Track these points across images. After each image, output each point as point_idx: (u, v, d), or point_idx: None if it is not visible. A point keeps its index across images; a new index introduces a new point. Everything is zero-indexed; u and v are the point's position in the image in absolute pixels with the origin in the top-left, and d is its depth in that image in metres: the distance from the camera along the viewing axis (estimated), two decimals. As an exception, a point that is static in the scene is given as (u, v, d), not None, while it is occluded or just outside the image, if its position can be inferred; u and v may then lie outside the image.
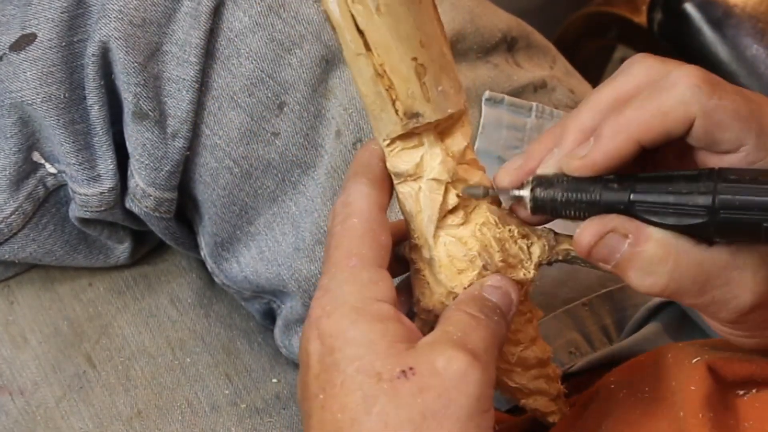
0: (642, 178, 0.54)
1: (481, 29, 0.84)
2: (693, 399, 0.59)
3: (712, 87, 0.52)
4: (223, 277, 0.87)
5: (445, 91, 0.56)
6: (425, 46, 0.55)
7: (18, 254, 0.85)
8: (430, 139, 0.57)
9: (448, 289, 0.58)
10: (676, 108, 0.52)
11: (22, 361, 0.87)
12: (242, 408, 0.87)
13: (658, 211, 0.53)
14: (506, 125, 0.83)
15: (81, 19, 0.77)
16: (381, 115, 0.56)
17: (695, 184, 0.52)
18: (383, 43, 0.55)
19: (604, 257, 0.55)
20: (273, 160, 0.80)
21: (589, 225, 0.54)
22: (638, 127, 0.53)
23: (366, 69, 0.55)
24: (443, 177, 0.57)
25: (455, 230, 0.58)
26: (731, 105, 0.52)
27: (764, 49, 0.99)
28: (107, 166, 0.80)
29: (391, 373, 0.51)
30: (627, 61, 0.56)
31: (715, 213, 0.52)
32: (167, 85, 0.78)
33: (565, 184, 0.55)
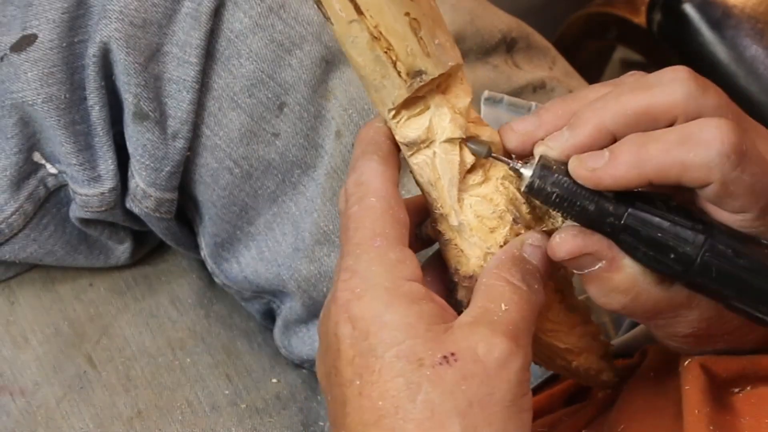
0: (638, 206, 0.54)
1: (480, 30, 0.85)
2: (689, 396, 0.59)
3: (739, 158, 0.52)
4: (224, 277, 0.87)
5: (442, 44, 0.55)
6: (415, 0, 0.54)
7: (19, 254, 0.85)
8: (435, 100, 0.56)
9: (483, 250, 0.57)
10: (699, 169, 0.52)
11: (22, 362, 0.87)
12: (242, 408, 0.87)
13: (640, 250, 0.54)
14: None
15: (82, 19, 0.77)
16: (383, 83, 0.55)
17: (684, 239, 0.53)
18: (374, 2, 0.53)
19: (574, 267, 0.56)
20: (273, 161, 0.80)
21: (570, 240, 0.55)
22: (656, 168, 0.52)
23: (361, 36, 0.54)
24: (456, 134, 0.56)
25: (478, 189, 0.57)
26: (750, 180, 0.52)
27: (763, 49, 0.99)
28: (108, 167, 0.81)
29: (433, 359, 0.50)
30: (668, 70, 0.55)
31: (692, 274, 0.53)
32: (168, 85, 0.78)
33: (566, 186, 0.54)
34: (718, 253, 0.53)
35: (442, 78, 0.56)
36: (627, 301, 0.55)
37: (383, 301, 0.52)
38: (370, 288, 0.52)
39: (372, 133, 0.57)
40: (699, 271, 0.53)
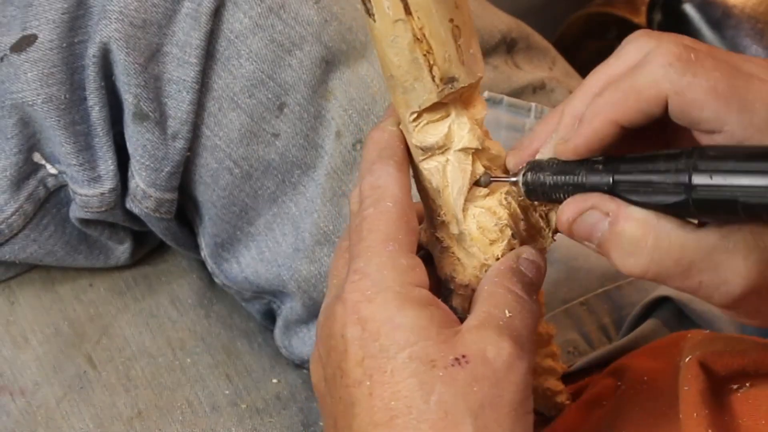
0: (627, 159, 0.54)
1: (480, 30, 0.85)
2: (687, 399, 0.59)
3: (685, 64, 0.51)
4: (224, 277, 0.87)
5: (475, 54, 0.56)
6: (459, 7, 0.55)
7: (19, 255, 0.85)
8: (457, 109, 0.57)
9: (481, 261, 0.57)
10: (647, 87, 0.51)
11: (22, 362, 0.87)
12: (242, 408, 0.87)
13: (639, 191, 0.53)
14: (505, 125, 0.84)
15: (82, 20, 0.77)
16: (414, 85, 0.55)
17: (674, 163, 0.52)
18: (425, 4, 0.54)
19: (585, 235, 0.54)
20: (273, 161, 0.80)
21: (569, 202, 0.54)
22: (614, 107, 0.52)
23: (404, 36, 0.54)
24: (473, 144, 0.57)
25: (483, 201, 0.58)
26: (706, 83, 0.51)
27: (763, 49, 0.99)
28: (108, 167, 0.80)
29: (445, 360, 0.51)
30: (625, 39, 0.56)
31: (691, 190, 0.51)
32: (168, 86, 0.78)
33: (554, 168, 0.55)
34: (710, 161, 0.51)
35: (467, 88, 0.56)
36: (652, 250, 0.53)
37: (395, 305, 0.53)
38: (382, 291, 0.53)
39: (387, 136, 0.58)
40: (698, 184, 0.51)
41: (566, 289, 0.84)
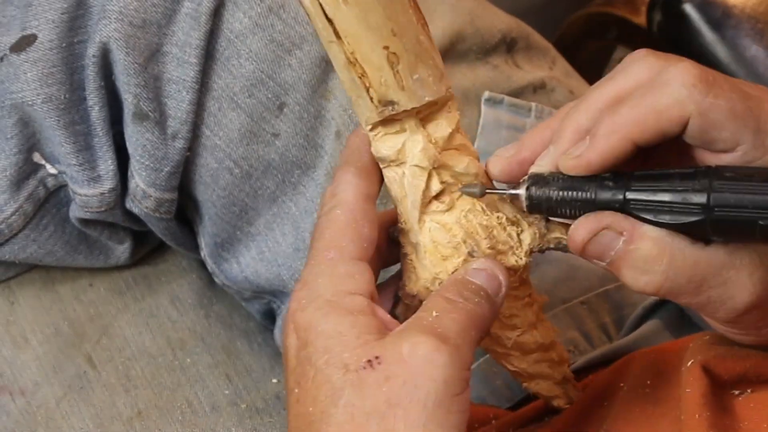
0: (638, 176, 0.53)
1: (480, 30, 0.84)
2: (689, 400, 0.59)
3: (707, 85, 0.51)
4: (224, 277, 0.87)
5: (422, 78, 0.55)
6: (397, 35, 0.54)
7: (18, 255, 0.85)
8: (411, 126, 0.56)
9: (432, 275, 0.57)
10: (670, 107, 0.51)
11: (22, 362, 0.87)
12: (242, 408, 0.87)
13: (654, 209, 0.53)
14: (506, 125, 0.83)
15: (81, 20, 0.77)
16: (358, 101, 0.56)
17: (691, 182, 0.52)
18: (352, 32, 0.54)
19: (599, 254, 0.55)
20: (273, 161, 0.80)
21: (583, 221, 0.54)
22: (633, 126, 0.52)
23: (339, 56, 0.55)
24: (423, 164, 0.56)
25: (440, 216, 0.58)
26: (726, 104, 0.51)
27: (763, 49, 0.99)
28: (107, 167, 0.80)
29: (357, 363, 0.50)
30: (627, 57, 0.55)
31: (710, 211, 0.52)
32: (167, 86, 0.78)
33: (561, 183, 0.54)
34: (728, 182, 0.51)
35: (421, 108, 0.56)
36: (666, 269, 0.53)
37: (322, 312, 0.52)
38: (314, 299, 0.53)
39: (357, 141, 0.58)
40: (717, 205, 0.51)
41: (566, 289, 0.84)
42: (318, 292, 0.53)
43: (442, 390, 0.50)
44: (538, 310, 0.63)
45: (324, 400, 0.51)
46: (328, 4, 0.54)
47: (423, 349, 0.50)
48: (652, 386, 0.64)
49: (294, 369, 0.53)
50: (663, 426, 0.60)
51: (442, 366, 0.50)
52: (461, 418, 0.51)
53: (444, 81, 0.57)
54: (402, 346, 0.51)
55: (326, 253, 0.54)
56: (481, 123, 0.83)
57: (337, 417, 0.50)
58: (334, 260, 0.54)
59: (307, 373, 0.52)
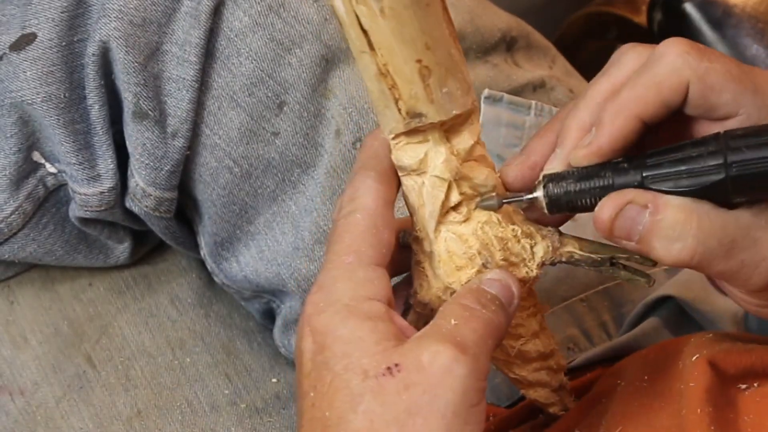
0: (651, 154, 0.54)
1: (480, 29, 0.84)
2: (692, 395, 0.59)
3: (700, 52, 0.52)
4: (223, 276, 0.87)
5: (451, 92, 0.56)
6: (431, 49, 0.55)
7: (18, 254, 0.85)
8: (434, 137, 0.57)
9: (445, 284, 0.58)
10: (669, 76, 0.52)
11: (22, 361, 0.87)
12: (242, 408, 0.87)
13: (672, 180, 0.53)
14: (505, 123, 0.83)
15: (81, 18, 0.77)
16: (385, 111, 0.56)
17: (704, 147, 0.52)
18: (387, 44, 0.54)
19: (627, 231, 0.54)
20: (273, 160, 0.80)
21: (606, 200, 0.54)
22: (636, 102, 0.53)
23: (370, 66, 0.55)
24: (445, 176, 0.57)
25: (456, 227, 0.58)
26: (722, 67, 0.52)
27: (764, 48, 0.99)
28: (107, 166, 0.80)
29: (377, 370, 0.50)
30: (616, 52, 0.56)
31: (728, 169, 0.52)
32: (167, 84, 0.78)
33: (577, 175, 0.55)
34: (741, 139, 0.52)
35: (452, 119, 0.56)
36: (696, 233, 0.53)
37: (341, 317, 0.52)
38: (332, 303, 0.53)
39: (377, 145, 0.58)
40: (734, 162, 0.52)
41: (566, 287, 0.84)
42: (336, 296, 0.53)
43: (460, 400, 0.50)
44: (541, 319, 0.63)
45: (342, 405, 0.50)
46: (364, 15, 0.54)
47: (443, 359, 0.50)
48: (651, 381, 0.64)
49: (309, 373, 0.52)
50: (662, 419, 0.60)
51: (462, 376, 0.50)
52: (477, 429, 0.51)
53: (470, 94, 0.57)
54: (422, 355, 0.50)
55: (345, 257, 0.54)
56: (481, 121, 0.83)
57: (355, 423, 0.50)
58: (353, 265, 0.54)
59: (324, 377, 0.51)
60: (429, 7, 0.55)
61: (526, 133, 0.84)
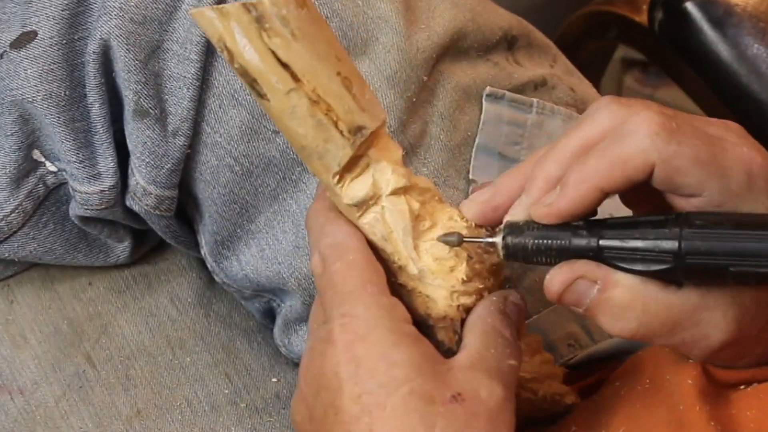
0: (610, 224, 0.55)
1: (481, 27, 0.84)
2: (690, 392, 0.60)
3: (670, 133, 0.53)
4: (224, 275, 0.87)
5: (371, 98, 0.57)
6: (341, 60, 0.56)
7: (18, 253, 0.85)
8: (373, 156, 0.58)
9: (448, 290, 0.58)
10: (635, 156, 0.53)
11: (21, 361, 0.87)
12: (242, 407, 0.87)
13: (626, 257, 0.54)
14: (507, 121, 0.83)
15: (82, 16, 0.77)
16: (327, 147, 0.56)
17: (661, 230, 0.53)
18: (309, 67, 0.55)
19: (575, 302, 0.57)
20: (274, 158, 0.80)
21: (558, 272, 0.56)
22: (600, 175, 0.54)
23: (300, 103, 0.55)
24: (401, 183, 0.58)
25: (429, 233, 0.59)
26: (690, 151, 0.53)
27: (765, 48, 0.99)
28: (108, 164, 0.80)
29: (443, 396, 0.53)
30: (592, 105, 0.57)
31: (681, 258, 0.53)
32: (168, 82, 0.78)
33: (536, 232, 0.56)
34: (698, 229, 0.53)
35: (376, 132, 0.58)
36: (640, 316, 0.55)
37: (389, 342, 0.55)
38: (374, 330, 0.55)
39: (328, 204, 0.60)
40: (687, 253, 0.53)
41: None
42: (375, 323, 0.55)
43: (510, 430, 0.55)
44: None
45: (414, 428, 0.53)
46: (280, 47, 0.55)
47: (497, 397, 0.55)
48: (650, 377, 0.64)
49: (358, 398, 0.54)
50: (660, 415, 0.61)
51: (510, 411, 0.55)
52: None
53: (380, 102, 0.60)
54: (480, 389, 0.55)
55: (364, 289, 0.56)
56: (483, 119, 0.83)
57: None
58: (375, 293, 0.56)
59: (382, 402, 0.53)
60: (320, 20, 0.56)
61: (527, 131, 0.84)
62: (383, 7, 0.79)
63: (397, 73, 0.79)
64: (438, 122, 0.81)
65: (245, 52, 0.55)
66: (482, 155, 0.82)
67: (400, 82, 0.79)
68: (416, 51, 0.79)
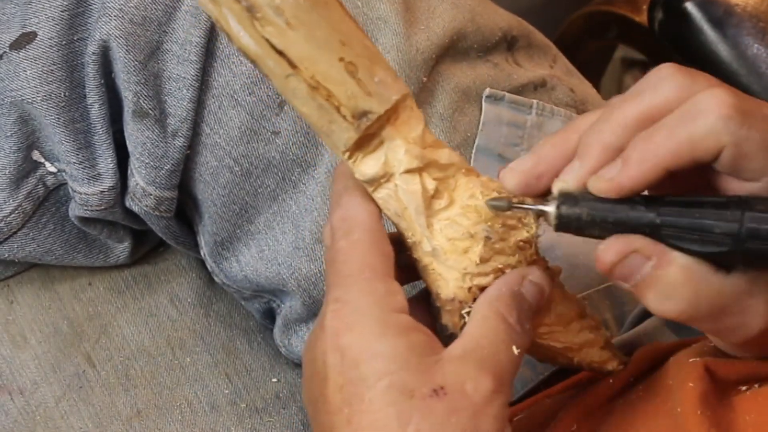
0: (669, 201, 0.53)
1: (481, 28, 0.84)
2: (691, 396, 0.59)
3: (743, 116, 0.51)
4: (223, 276, 0.87)
5: (383, 80, 0.56)
6: (347, 44, 0.55)
7: (17, 253, 0.85)
8: (387, 134, 0.56)
9: (460, 272, 0.57)
10: (706, 138, 0.51)
11: (21, 361, 0.87)
12: (242, 407, 0.87)
13: (684, 237, 0.53)
14: (507, 122, 0.83)
15: (81, 17, 0.77)
16: (332, 128, 0.55)
17: (723, 212, 0.52)
18: (306, 55, 0.54)
19: (625, 276, 0.55)
20: (273, 159, 0.80)
21: (612, 243, 0.54)
22: (667, 154, 0.52)
23: (300, 88, 0.55)
24: (413, 164, 0.57)
25: (445, 213, 0.57)
26: (760, 136, 0.51)
27: (765, 48, 0.99)
28: (107, 165, 0.80)
29: (423, 390, 0.52)
30: (653, 72, 0.55)
31: (741, 242, 0.52)
32: (167, 83, 0.78)
33: (591, 203, 0.54)
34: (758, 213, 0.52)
35: (389, 112, 0.56)
36: (690, 296, 0.54)
37: (374, 332, 0.53)
38: (361, 319, 0.53)
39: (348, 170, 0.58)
40: (748, 238, 0.52)
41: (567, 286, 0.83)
42: (364, 312, 0.54)
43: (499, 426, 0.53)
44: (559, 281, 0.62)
45: (387, 423, 0.51)
46: (274, 35, 0.54)
47: (484, 390, 0.52)
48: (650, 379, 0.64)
49: (341, 388, 0.53)
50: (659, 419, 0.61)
51: (499, 405, 0.53)
52: None
53: (399, 80, 0.57)
54: (466, 383, 0.52)
55: (360, 273, 0.55)
56: (482, 120, 0.83)
57: None
58: (372, 279, 0.55)
59: (362, 394, 0.52)
60: (328, 5, 0.55)
61: (527, 133, 0.84)
62: (383, 7, 0.79)
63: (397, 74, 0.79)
64: (437, 123, 0.81)
65: (241, 37, 0.54)
66: (482, 157, 0.82)
67: (400, 82, 0.79)
68: (415, 52, 0.79)
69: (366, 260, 0.55)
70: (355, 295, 0.54)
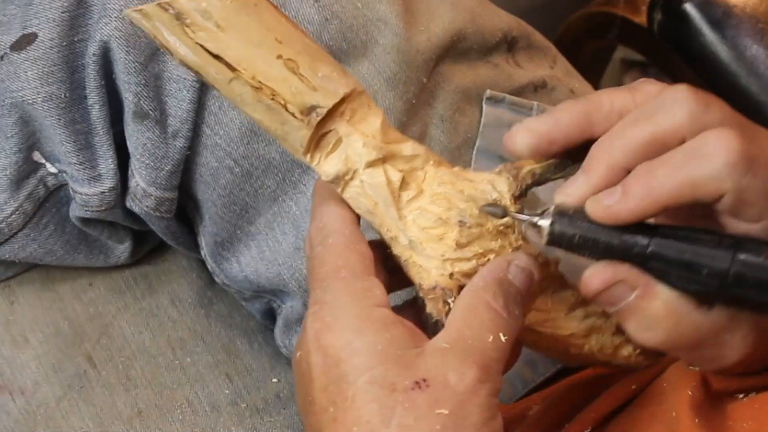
0: (662, 233, 0.53)
1: (481, 29, 0.84)
2: (687, 402, 0.59)
3: (748, 164, 0.51)
4: (224, 276, 0.87)
5: (327, 75, 0.56)
6: (284, 42, 0.55)
7: (18, 254, 0.85)
8: (345, 132, 0.57)
9: (439, 259, 0.57)
10: (709, 182, 0.51)
11: (22, 361, 0.87)
12: (242, 408, 0.87)
13: (671, 273, 0.53)
14: (507, 124, 0.83)
15: (82, 18, 0.77)
16: (285, 129, 0.56)
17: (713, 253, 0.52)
18: (243, 55, 0.54)
19: (609, 303, 0.55)
20: (274, 160, 0.80)
21: (600, 272, 0.54)
22: (668, 193, 0.52)
23: (245, 92, 0.55)
24: (373, 156, 0.57)
25: (415, 202, 0.57)
26: (762, 184, 0.51)
27: (764, 49, 0.99)
28: (108, 166, 0.80)
29: (404, 383, 0.51)
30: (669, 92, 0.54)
31: (726, 286, 0.52)
32: (168, 84, 0.78)
33: (585, 225, 0.54)
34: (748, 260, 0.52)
35: (343, 107, 0.56)
36: (670, 329, 0.54)
37: (353, 329, 0.53)
38: (340, 317, 0.53)
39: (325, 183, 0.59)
40: (734, 283, 0.52)
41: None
42: (342, 310, 0.53)
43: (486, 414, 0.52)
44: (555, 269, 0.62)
45: (371, 419, 0.51)
46: (207, 40, 0.54)
47: (468, 381, 0.52)
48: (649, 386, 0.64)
49: (325, 388, 0.52)
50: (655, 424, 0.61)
51: (485, 395, 0.52)
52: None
53: (348, 75, 0.57)
54: (448, 374, 0.51)
55: (336, 273, 0.55)
56: (483, 122, 0.83)
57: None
58: (348, 278, 0.54)
59: (344, 391, 0.52)
60: (258, 6, 0.55)
61: (527, 134, 0.84)
62: (383, 9, 0.79)
63: (397, 75, 0.79)
64: (438, 124, 0.81)
65: (178, 47, 0.55)
66: (482, 158, 0.82)
67: (400, 83, 0.79)
68: (416, 53, 0.80)
69: (341, 261, 0.55)
70: (332, 294, 0.54)
